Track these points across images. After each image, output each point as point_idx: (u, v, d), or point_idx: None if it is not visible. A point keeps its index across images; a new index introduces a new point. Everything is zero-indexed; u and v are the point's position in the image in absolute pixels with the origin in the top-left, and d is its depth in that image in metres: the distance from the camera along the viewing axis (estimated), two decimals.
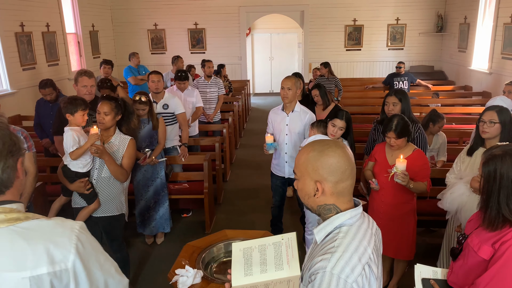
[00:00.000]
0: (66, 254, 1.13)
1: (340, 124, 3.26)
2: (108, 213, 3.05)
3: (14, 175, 1.17)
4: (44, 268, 1.10)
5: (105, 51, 10.33)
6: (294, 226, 4.50)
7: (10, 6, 6.57)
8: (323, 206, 1.33)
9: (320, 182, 1.30)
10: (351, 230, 1.28)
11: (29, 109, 6.81)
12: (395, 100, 3.50)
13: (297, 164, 1.37)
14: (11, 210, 1.15)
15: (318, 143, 1.35)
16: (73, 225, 1.21)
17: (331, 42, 11.12)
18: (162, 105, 4.48)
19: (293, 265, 1.58)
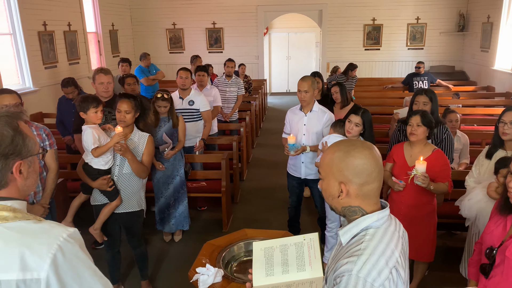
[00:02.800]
0: (40, 263, 1.06)
1: (355, 120, 3.16)
2: (129, 209, 3.09)
3: (6, 177, 1.13)
4: (14, 274, 1.05)
5: (124, 50, 10.45)
6: (312, 226, 4.47)
7: (33, 6, 6.70)
8: (347, 208, 1.31)
9: (345, 183, 1.27)
10: (378, 233, 1.25)
11: (50, 107, 6.94)
12: (425, 100, 3.41)
13: (322, 163, 1.35)
14: (3, 207, 1.12)
15: (344, 143, 1.32)
16: (60, 233, 1.11)
17: (350, 41, 11.02)
18: (188, 101, 4.53)
19: (316, 267, 1.56)
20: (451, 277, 3.44)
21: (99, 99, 2.99)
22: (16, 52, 6.46)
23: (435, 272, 3.58)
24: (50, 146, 2.95)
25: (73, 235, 1.14)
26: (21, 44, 6.46)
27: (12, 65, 6.46)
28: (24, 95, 6.35)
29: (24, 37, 6.45)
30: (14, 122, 1.15)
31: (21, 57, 6.51)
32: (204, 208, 5.03)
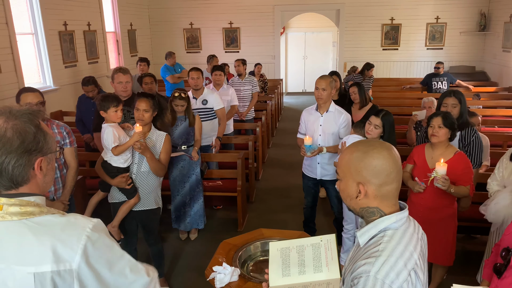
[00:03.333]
0: (72, 254, 1.11)
1: (375, 122, 3.12)
2: (147, 207, 3.13)
3: (27, 173, 1.15)
4: (48, 266, 1.09)
5: (142, 49, 10.56)
6: (328, 227, 4.44)
7: (54, 6, 6.83)
8: (366, 209, 1.30)
9: (363, 184, 1.26)
10: (396, 234, 1.24)
11: (70, 105, 7.07)
12: (454, 102, 3.33)
13: (340, 164, 1.34)
14: (28, 203, 1.14)
15: (362, 144, 1.31)
16: (86, 223, 1.16)
17: (367, 41, 10.91)
18: (202, 101, 4.56)
19: (333, 268, 1.55)
20: (470, 282, 3.37)
21: (119, 98, 3.03)
22: (37, 51, 6.59)
23: (453, 276, 3.51)
24: (70, 144, 3.00)
25: (98, 224, 1.19)
26: (43, 43, 6.59)
27: (34, 64, 6.60)
28: (45, 93, 6.44)
29: (45, 36, 6.58)
30: (35, 120, 1.17)
31: (42, 56, 6.64)
32: (219, 207, 5.05)
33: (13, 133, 1.11)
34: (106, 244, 1.18)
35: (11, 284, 1.09)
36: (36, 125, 1.16)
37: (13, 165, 1.11)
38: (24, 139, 1.12)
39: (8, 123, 1.12)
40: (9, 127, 1.12)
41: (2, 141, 1.10)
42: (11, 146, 1.11)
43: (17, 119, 1.14)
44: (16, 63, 5.91)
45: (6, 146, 1.10)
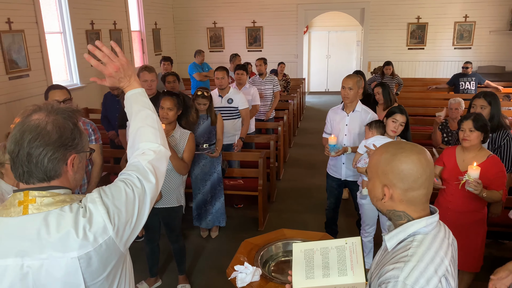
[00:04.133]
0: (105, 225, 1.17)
1: (401, 119, 3.12)
2: (168, 205, 3.16)
3: (60, 168, 1.19)
4: (90, 246, 1.13)
5: (166, 48, 10.68)
6: (350, 229, 4.39)
7: (82, 5, 6.98)
8: (392, 212, 1.27)
9: (388, 187, 1.23)
10: (426, 239, 1.20)
11: (95, 103, 7.21)
12: (483, 103, 3.27)
13: (369, 164, 1.32)
14: (59, 194, 1.19)
15: (393, 145, 1.27)
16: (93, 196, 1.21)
17: (392, 40, 10.72)
18: (227, 100, 4.58)
19: (358, 272, 1.51)
20: None
21: None
22: (65, 50, 6.76)
23: (479, 282, 3.41)
24: (95, 141, 3.07)
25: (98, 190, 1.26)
26: (70, 42, 6.75)
27: (62, 62, 6.76)
28: (72, 91, 6.60)
29: (73, 35, 6.74)
30: (74, 118, 1.22)
31: (70, 55, 6.80)
32: (240, 205, 5.06)
33: (53, 127, 1.16)
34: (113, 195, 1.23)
35: (56, 273, 1.12)
36: (74, 123, 1.22)
37: (49, 157, 1.15)
38: (62, 134, 1.17)
39: (49, 117, 1.17)
40: (49, 121, 1.16)
41: (42, 133, 1.14)
42: (49, 139, 1.14)
43: (58, 114, 1.19)
44: (45, 61, 6.07)
45: (45, 139, 1.14)
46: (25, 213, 1.14)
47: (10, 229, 1.14)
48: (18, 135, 1.14)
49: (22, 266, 1.12)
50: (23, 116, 1.18)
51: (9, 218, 1.14)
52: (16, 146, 1.14)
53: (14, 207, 1.15)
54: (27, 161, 1.14)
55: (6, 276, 1.12)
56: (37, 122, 1.15)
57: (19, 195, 1.17)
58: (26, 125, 1.15)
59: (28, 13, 5.74)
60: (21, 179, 1.18)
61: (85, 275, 1.15)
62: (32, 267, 1.12)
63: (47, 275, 1.13)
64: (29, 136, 1.13)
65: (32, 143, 1.13)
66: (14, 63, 5.49)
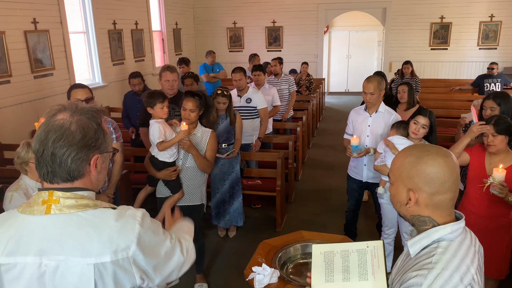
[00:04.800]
0: (128, 243, 1.16)
1: (423, 122, 3.03)
2: (190, 203, 3.18)
3: (84, 168, 1.19)
4: (108, 257, 1.13)
5: (186, 48, 10.76)
6: (370, 232, 4.32)
7: (105, 6, 7.10)
8: (417, 217, 1.22)
9: (414, 191, 1.19)
10: (451, 246, 1.16)
11: (117, 102, 7.32)
12: (492, 105, 3.22)
13: (392, 168, 1.28)
14: (82, 197, 1.19)
15: (417, 148, 1.23)
16: (136, 213, 1.22)
17: (415, 40, 10.54)
18: (246, 99, 4.58)
19: (379, 277, 1.47)
20: None
21: (165, 94, 3.10)
22: (88, 49, 6.88)
23: None
24: (116, 139, 3.12)
25: (145, 213, 1.27)
26: (93, 42, 6.87)
27: (84, 61, 6.89)
28: (94, 90, 6.72)
29: (95, 35, 6.86)
30: (98, 118, 1.23)
31: (92, 54, 6.93)
32: (258, 206, 5.05)
33: (77, 127, 1.16)
34: (153, 230, 1.25)
35: (70, 277, 1.13)
36: (98, 123, 1.22)
37: (73, 158, 1.16)
38: (86, 134, 1.17)
39: (73, 118, 1.17)
40: (74, 121, 1.17)
41: (66, 133, 1.15)
42: (73, 139, 1.15)
43: (82, 114, 1.19)
44: (69, 60, 6.20)
45: (69, 139, 1.15)
46: (48, 213, 1.15)
47: (32, 227, 1.15)
48: (43, 135, 1.15)
49: (40, 265, 1.13)
50: (48, 115, 1.19)
51: (32, 216, 1.16)
52: (40, 146, 1.15)
53: (38, 206, 1.16)
54: (51, 161, 1.15)
55: (24, 274, 1.14)
56: (61, 122, 1.16)
57: (43, 194, 1.17)
58: (50, 125, 1.16)
59: (53, 13, 5.87)
60: (45, 179, 1.19)
61: (98, 286, 1.14)
62: (49, 267, 1.13)
63: (62, 277, 1.13)
64: (54, 136, 1.14)
65: (56, 143, 1.14)
66: (39, 62, 5.62)
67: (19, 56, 5.28)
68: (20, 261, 1.13)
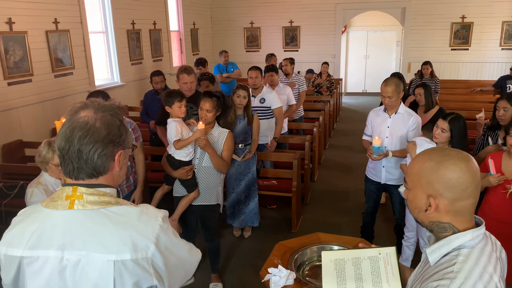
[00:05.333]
0: (148, 243, 1.16)
1: (442, 125, 2.92)
2: (206, 202, 3.18)
3: (109, 164, 1.21)
4: (128, 254, 1.13)
5: (204, 48, 10.81)
6: (387, 234, 4.26)
7: (124, 6, 7.18)
8: (436, 223, 1.18)
9: (434, 197, 1.15)
10: (473, 253, 1.11)
11: (135, 101, 7.41)
12: (506, 105, 3.20)
13: (410, 172, 1.23)
14: (104, 193, 1.20)
15: (437, 152, 1.19)
16: (157, 213, 1.23)
17: (435, 40, 10.36)
18: (260, 99, 4.57)
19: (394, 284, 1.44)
20: None
21: (183, 94, 3.12)
22: (107, 49, 6.97)
23: None
24: (136, 140, 3.17)
25: (165, 214, 1.27)
26: (112, 41, 6.96)
27: (103, 61, 6.99)
28: (112, 89, 6.85)
29: (114, 35, 6.94)
30: (120, 115, 1.25)
31: (111, 54, 7.02)
32: (273, 206, 5.03)
33: (102, 124, 1.18)
34: (172, 232, 1.25)
35: (91, 272, 1.14)
36: (120, 120, 1.24)
37: (99, 154, 1.17)
38: (110, 130, 1.19)
39: (97, 115, 1.19)
40: (98, 118, 1.18)
41: (92, 130, 1.16)
42: (98, 136, 1.17)
43: (105, 112, 1.21)
44: (88, 60, 6.29)
45: (95, 135, 1.16)
46: (71, 208, 1.16)
47: (56, 221, 1.16)
48: (68, 132, 1.17)
49: (62, 259, 1.14)
50: (71, 113, 1.20)
51: (55, 211, 1.17)
52: (66, 143, 1.17)
53: (61, 201, 1.18)
54: (77, 158, 1.17)
55: (46, 267, 1.15)
56: (86, 119, 1.17)
57: (67, 189, 1.19)
58: (75, 122, 1.17)
59: (74, 14, 5.97)
60: (71, 175, 1.20)
61: (116, 283, 1.14)
62: (70, 261, 1.14)
63: (82, 272, 1.14)
64: (79, 133, 1.15)
65: (82, 140, 1.15)
66: (59, 61, 5.72)
67: (40, 56, 5.39)
68: (42, 255, 1.15)
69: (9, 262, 1.19)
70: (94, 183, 1.21)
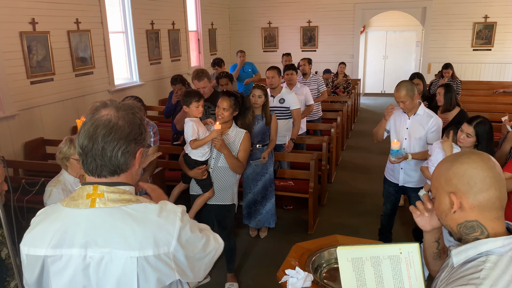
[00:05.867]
0: (169, 238, 1.17)
1: (467, 130, 2.86)
2: (221, 202, 3.19)
3: (131, 161, 1.23)
4: (151, 251, 1.15)
5: (221, 48, 10.84)
6: (405, 238, 4.19)
7: (143, 6, 7.26)
8: (464, 224, 1.14)
9: (455, 193, 1.13)
10: (501, 261, 1.07)
11: (153, 100, 7.48)
12: None
13: (432, 181, 1.24)
14: (124, 191, 1.22)
15: (452, 155, 1.22)
16: (176, 209, 1.24)
17: (456, 41, 10.15)
18: (279, 99, 4.55)
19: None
20: None
21: (201, 94, 3.14)
22: (126, 49, 7.06)
23: None
24: (153, 143, 3.19)
25: (183, 209, 1.28)
26: (131, 41, 7.05)
27: (123, 60, 7.07)
28: (131, 88, 6.94)
29: (134, 35, 7.02)
30: (139, 113, 1.27)
31: (131, 54, 7.10)
32: (289, 207, 5.01)
33: (124, 122, 1.20)
34: (191, 226, 1.26)
35: (114, 268, 1.15)
36: (140, 118, 1.26)
37: (122, 151, 1.19)
38: (132, 129, 1.21)
39: (119, 113, 1.21)
40: (120, 117, 1.20)
41: (115, 128, 1.18)
42: (122, 133, 1.18)
43: (125, 110, 1.23)
44: (108, 59, 6.38)
45: (118, 133, 1.18)
46: (92, 206, 1.18)
47: (77, 220, 1.18)
48: (91, 130, 1.18)
49: (85, 257, 1.16)
50: (92, 112, 1.22)
51: (77, 209, 1.19)
52: (89, 141, 1.18)
53: (82, 199, 1.19)
54: (101, 155, 1.18)
55: (70, 266, 1.17)
56: (108, 117, 1.19)
57: (88, 188, 1.20)
58: (98, 121, 1.18)
59: (95, 14, 6.06)
60: (94, 173, 1.22)
61: (140, 280, 1.15)
62: (93, 259, 1.15)
63: (105, 269, 1.15)
64: (103, 131, 1.17)
65: (106, 138, 1.17)
66: (80, 61, 5.81)
67: (62, 55, 5.49)
68: (65, 253, 1.17)
69: (33, 262, 1.20)
70: (115, 181, 1.22)
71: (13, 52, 4.80)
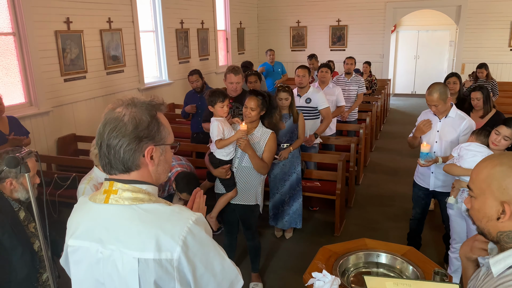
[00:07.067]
0: (173, 244, 1.12)
1: (505, 133, 2.74)
2: (245, 202, 3.17)
3: (137, 159, 1.18)
4: (151, 254, 1.11)
5: (249, 47, 10.85)
6: (435, 243, 4.06)
7: (173, 5, 7.35)
8: (506, 233, 1.10)
9: (509, 203, 1.07)
10: None
11: (181, 99, 7.54)
12: None
13: (476, 179, 1.16)
14: (140, 190, 1.19)
15: (507, 156, 1.12)
16: (190, 216, 1.17)
17: (492, 40, 9.78)
18: (305, 99, 4.51)
19: None
20: None
21: (226, 94, 3.13)
22: (156, 47, 7.16)
23: None
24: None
25: (200, 218, 1.19)
26: (161, 40, 7.15)
27: (153, 59, 7.18)
28: (160, 87, 7.04)
29: (164, 34, 7.12)
30: (153, 111, 1.22)
31: (160, 53, 7.20)
32: (315, 208, 4.95)
33: (129, 119, 1.17)
34: (205, 239, 1.18)
35: (120, 266, 1.15)
36: (152, 115, 1.20)
37: (124, 148, 1.17)
38: (138, 125, 1.17)
39: (127, 110, 1.19)
40: (127, 113, 1.18)
41: (119, 125, 1.16)
42: (125, 131, 1.16)
43: (136, 107, 1.20)
44: (138, 58, 6.49)
45: (122, 130, 1.16)
46: (106, 202, 1.19)
47: (94, 214, 1.20)
48: (101, 128, 1.19)
49: (97, 251, 1.18)
50: (109, 109, 1.22)
51: (94, 204, 1.21)
52: (99, 139, 1.19)
53: (100, 194, 1.21)
54: (107, 152, 1.18)
55: (86, 258, 1.20)
56: (117, 115, 1.18)
57: (106, 183, 1.22)
58: (108, 118, 1.19)
59: (126, 13, 6.18)
60: (105, 170, 1.23)
61: (141, 280, 1.14)
62: (103, 254, 1.17)
63: (112, 266, 1.16)
64: (109, 128, 1.17)
65: (110, 134, 1.17)
66: (111, 59, 5.94)
67: (94, 54, 5.62)
68: (82, 245, 1.21)
69: (65, 248, 1.28)
70: (127, 178, 1.20)
71: (48, 50, 4.95)
